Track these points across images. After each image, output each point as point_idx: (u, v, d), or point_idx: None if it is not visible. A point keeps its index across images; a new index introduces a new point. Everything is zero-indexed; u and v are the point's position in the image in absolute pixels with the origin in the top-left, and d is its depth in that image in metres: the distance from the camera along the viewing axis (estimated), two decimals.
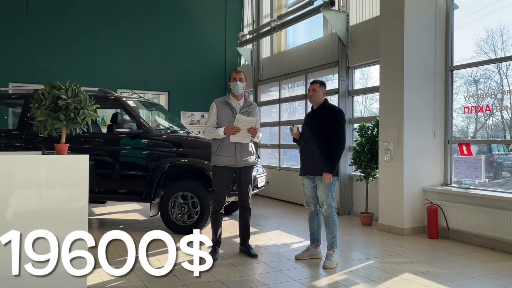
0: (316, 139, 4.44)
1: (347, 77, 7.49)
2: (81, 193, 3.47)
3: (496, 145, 6.38)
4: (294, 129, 4.60)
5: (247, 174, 4.71)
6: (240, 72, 4.74)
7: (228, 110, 4.64)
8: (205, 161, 5.70)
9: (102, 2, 9.89)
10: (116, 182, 6.07)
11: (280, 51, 9.74)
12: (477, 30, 5.96)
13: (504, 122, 6.10)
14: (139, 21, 10.24)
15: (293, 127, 4.61)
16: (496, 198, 5.17)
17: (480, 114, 6.08)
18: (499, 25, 5.80)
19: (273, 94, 9.67)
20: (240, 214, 4.85)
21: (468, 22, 6.18)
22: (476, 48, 6.07)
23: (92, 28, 9.77)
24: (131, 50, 10.10)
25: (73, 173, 3.40)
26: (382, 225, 6.17)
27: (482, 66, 5.90)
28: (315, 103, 4.58)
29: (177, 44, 10.55)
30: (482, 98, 5.87)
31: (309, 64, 8.35)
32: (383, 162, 6.16)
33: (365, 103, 7.86)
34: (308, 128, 4.57)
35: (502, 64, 5.75)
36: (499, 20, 5.77)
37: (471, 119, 6.43)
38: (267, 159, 9.95)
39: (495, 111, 5.95)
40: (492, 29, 5.88)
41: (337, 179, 4.55)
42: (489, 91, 5.91)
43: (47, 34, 9.37)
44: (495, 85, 5.97)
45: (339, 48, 7.47)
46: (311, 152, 4.46)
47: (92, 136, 6.17)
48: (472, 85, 6.23)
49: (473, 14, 6.12)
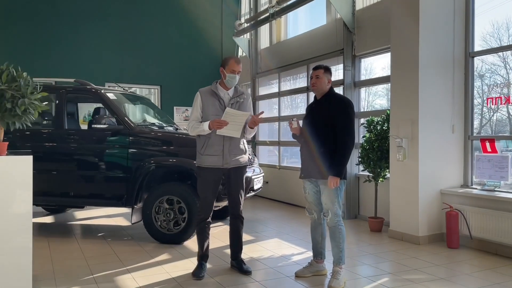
0: (320, 135, 3.74)
1: (353, 67, 6.77)
2: (23, 199, 3.25)
3: None
4: (294, 123, 3.89)
5: (238, 176, 4.01)
6: (240, 63, 4.00)
7: (215, 101, 3.94)
8: (194, 161, 5.00)
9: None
10: (93, 184, 5.39)
11: (279, 40, 9.02)
12: (483, 24, 5.34)
13: None
14: (129, 11, 9.53)
15: (293, 121, 3.90)
16: None
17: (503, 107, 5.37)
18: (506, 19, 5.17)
19: (272, 87, 8.96)
20: (231, 224, 4.15)
21: None
22: (481, 42, 5.41)
23: (80, 20, 9.08)
24: (121, 41, 9.42)
25: (14, 177, 3.09)
26: (394, 232, 5.47)
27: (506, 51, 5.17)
28: (319, 92, 3.87)
29: (170, 34, 9.84)
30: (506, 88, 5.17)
31: (311, 53, 7.64)
32: (395, 161, 5.45)
33: (368, 99, 7.13)
34: (310, 122, 3.86)
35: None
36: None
37: (492, 112, 5.71)
38: (266, 157, 9.24)
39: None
40: (498, 23, 5.24)
41: (345, 182, 3.84)
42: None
43: (33, 27, 8.68)
44: (500, 79, 5.36)
45: (344, 34, 6.75)
46: (314, 151, 3.76)
47: (64, 133, 5.47)
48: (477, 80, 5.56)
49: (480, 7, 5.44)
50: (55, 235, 5.65)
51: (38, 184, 5.47)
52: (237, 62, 3.96)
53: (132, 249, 4.93)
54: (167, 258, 4.57)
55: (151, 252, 4.79)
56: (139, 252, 4.80)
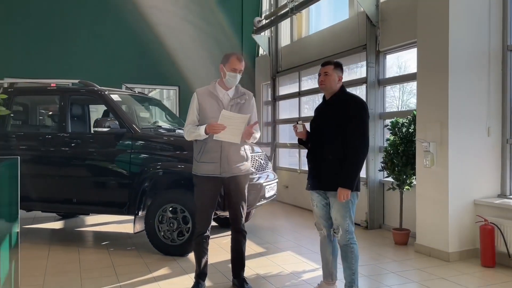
0: (328, 140, 3.28)
1: (377, 63, 6.22)
2: None
3: None
4: (299, 126, 3.44)
5: (238, 186, 3.60)
6: (242, 61, 3.59)
7: (213, 102, 3.54)
8: None
9: None
10: (94, 191, 5.12)
11: (301, 37, 8.54)
12: None
13: None
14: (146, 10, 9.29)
15: (297, 124, 3.45)
16: None
17: None
18: None
19: (293, 87, 8.48)
20: (232, 239, 3.75)
21: None
22: None
23: (94, 19, 8.90)
24: (138, 41, 9.17)
25: None
26: (420, 246, 4.92)
27: None
28: (328, 91, 3.41)
29: (188, 33, 9.53)
30: None
31: (332, 50, 7.13)
32: (421, 167, 4.90)
33: (402, 98, 6.54)
34: (317, 126, 3.41)
35: None
36: None
37: None
38: (286, 161, 8.78)
39: None
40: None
41: (358, 195, 3.36)
42: None
43: (45, 25, 8.56)
44: None
45: (368, 29, 6.21)
46: (322, 158, 3.30)
47: (67, 137, 5.21)
48: None
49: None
50: (59, 243, 5.42)
51: (41, 190, 5.33)
52: (239, 59, 3.55)
53: (132, 261, 4.60)
54: (166, 273, 4.21)
55: (151, 265, 4.44)
56: (138, 265, 4.46)
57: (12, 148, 5.29)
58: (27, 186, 5.30)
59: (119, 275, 4.12)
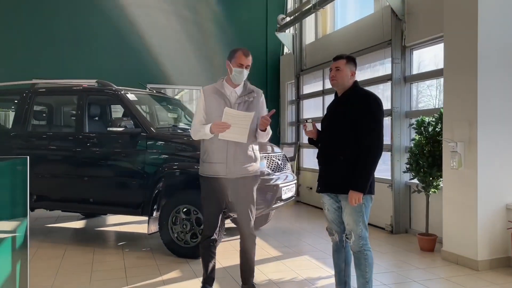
0: (339, 139, 3.07)
1: (402, 59, 5.92)
2: None
3: None
4: (308, 125, 3.25)
5: (245, 188, 3.44)
6: (249, 55, 3.43)
7: (220, 100, 3.40)
8: None
9: None
10: (109, 191, 5.09)
11: (325, 34, 8.30)
12: None
13: None
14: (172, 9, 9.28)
15: (307, 123, 3.26)
16: None
17: None
18: None
19: (317, 85, 8.25)
20: (240, 243, 3.58)
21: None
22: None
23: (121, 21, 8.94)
24: (164, 41, 9.15)
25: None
26: (447, 253, 4.61)
27: None
28: (339, 87, 3.20)
29: (211, 32, 9.46)
30: None
31: (357, 46, 6.85)
32: (448, 169, 4.59)
33: (439, 96, 6.14)
34: (328, 124, 3.20)
35: None
36: None
37: None
38: (311, 161, 8.53)
39: None
40: None
41: (372, 198, 3.14)
42: None
43: (72, 27, 8.69)
44: None
45: (393, 23, 5.91)
46: (332, 158, 3.09)
47: (83, 136, 5.21)
48: None
49: None
50: (76, 242, 5.43)
51: (59, 189, 5.36)
52: (245, 54, 3.40)
53: (144, 263, 4.53)
54: (176, 276, 4.11)
55: (163, 267, 4.35)
56: (150, 267, 4.38)
57: (31, 147, 5.35)
58: (46, 185, 5.38)
59: (129, 278, 4.05)
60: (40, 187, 5.38)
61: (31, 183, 5.48)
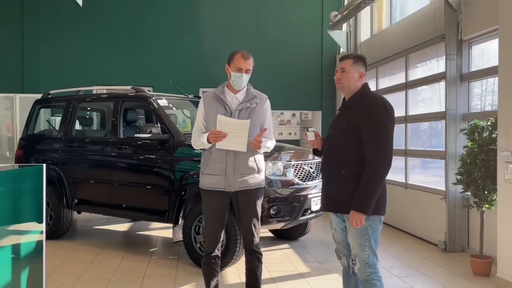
0: (342, 151, 2.68)
1: (458, 55, 5.22)
2: None
3: None
4: (309, 134, 2.88)
5: (248, 201, 3.16)
6: (249, 58, 3.17)
7: (219, 107, 3.16)
8: None
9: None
10: (136, 197, 5.08)
11: (381, 29, 7.68)
12: None
13: None
14: (220, 9, 9.23)
15: (307, 132, 2.89)
16: None
17: None
18: None
19: (371, 86, 7.64)
20: (246, 261, 3.32)
21: None
22: None
23: (174, 24, 9.09)
24: (214, 44, 9.14)
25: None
26: (502, 280, 3.94)
27: None
28: (346, 90, 2.80)
29: (263, 33, 9.25)
30: None
31: (409, 42, 6.22)
32: (503, 182, 3.92)
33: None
34: (331, 133, 2.82)
35: None
36: None
37: None
38: None
39: None
40: None
41: (381, 220, 2.70)
42: None
43: (128, 35, 8.97)
44: None
45: (447, 15, 5.24)
46: (334, 173, 2.71)
47: (115, 142, 5.26)
48: None
49: None
50: (111, 247, 5.47)
51: (93, 194, 5.48)
52: (244, 57, 3.13)
53: (164, 272, 4.43)
54: None
55: (181, 279, 4.22)
56: (167, 278, 4.27)
57: (72, 152, 5.54)
58: (84, 189, 5.54)
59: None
60: (79, 191, 5.55)
61: (72, 187, 5.67)
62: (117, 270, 4.53)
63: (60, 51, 8.79)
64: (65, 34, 8.81)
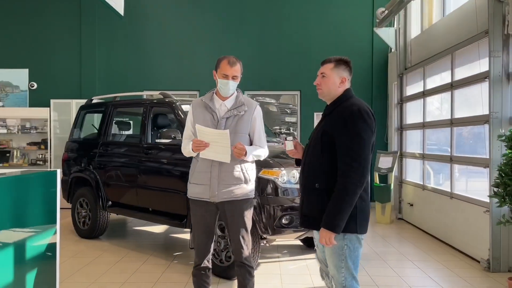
0: (315, 163, 2.47)
1: (504, 52, 4.66)
2: None
3: None
4: (287, 143, 2.69)
5: (234, 213, 3.05)
6: (236, 64, 3.07)
7: (206, 114, 3.08)
8: None
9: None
10: (156, 201, 5.17)
11: (431, 25, 7.11)
12: None
13: None
14: (267, 12, 9.13)
15: (286, 140, 2.71)
16: None
17: None
18: None
19: (419, 86, 7.12)
20: (236, 274, 3.21)
21: None
22: None
23: (219, 28, 9.15)
24: (258, 45, 9.06)
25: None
26: None
27: None
28: (326, 97, 2.59)
29: (310, 33, 9.00)
30: None
31: (455, 39, 5.67)
32: None
33: None
34: (308, 144, 2.61)
35: None
36: None
37: None
38: (415, 174, 7.40)
39: None
40: None
41: (359, 239, 2.44)
42: None
43: (175, 42, 9.18)
44: None
45: (490, 7, 4.70)
46: (308, 186, 2.50)
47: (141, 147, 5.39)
48: None
49: None
50: (138, 249, 5.59)
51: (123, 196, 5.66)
52: (230, 63, 3.02)
53: (177, 278, 4.44)
54: None
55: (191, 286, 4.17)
56: (179, 284, 4.27)
57: (107, 156, 5.79)
58: (117, 192, 5.74)
59: None
60: (112, 193, 5.77)
61: (107, 189, 5.89)
62: (135, 273, 4.62)
63: (114, 57, 9.22)
64: (118, 41, 9.22)
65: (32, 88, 9.17)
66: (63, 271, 4.60)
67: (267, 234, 4.26)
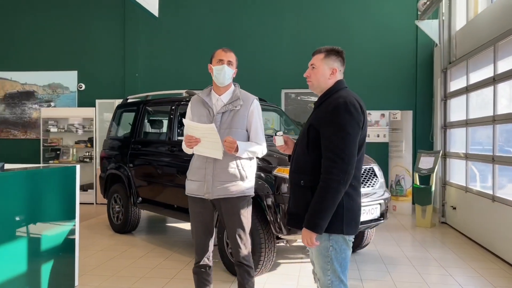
0: (301, 159, 2.33)
1: None
2: None
3: None
4: (277, 138, 2.57)
5: (230, 211, 2.97)
6: (231, 51, 3.05)
7: (203, 110, 3.04)
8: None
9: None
10: (177, 199, 5.19)
11: (477, 14, 6.61)
12: None
13: None
14: (306, 8, 8.95)
15: (276, 136, 2.59)
16: None
17: None
18: None
19: (463, 81, 6.64)
20: (237, 273, 3.12)
21: None
22: None
23: (256, 25, 9.10)
24: (297, 42, 8.91)
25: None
26: None
27: None
28: (316, 89, 2.45)
29: (350, 28, 8.71)
30: None
31: (498, 29, 5.22)
32: None
33: None
34: (297, 139, 2.47)
35: None
36: None
37: None
38: (460, 175, 6.91)
39: None
40: None
41: (346, 240, 2.27)
42: None
43: (214, 39, 9.25)
44: None
45: None
46: (295, 183, 2.37)
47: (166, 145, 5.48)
48: None
49: None
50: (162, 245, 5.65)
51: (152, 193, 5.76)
52: (225, 50, 3.05)
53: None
54: None
55: None
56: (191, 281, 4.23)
57: (138, 153, 5.94)
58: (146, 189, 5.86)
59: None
60: (142, 190, 5.89)
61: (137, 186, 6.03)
62: (154, 268, 4.68)
63: (156, 56, 9.47)
64: (159, 40, 9.47)
65: (80, 89, 9.65)
66: (88, 264, 4.76)
67: (281, 234, 4.13)
